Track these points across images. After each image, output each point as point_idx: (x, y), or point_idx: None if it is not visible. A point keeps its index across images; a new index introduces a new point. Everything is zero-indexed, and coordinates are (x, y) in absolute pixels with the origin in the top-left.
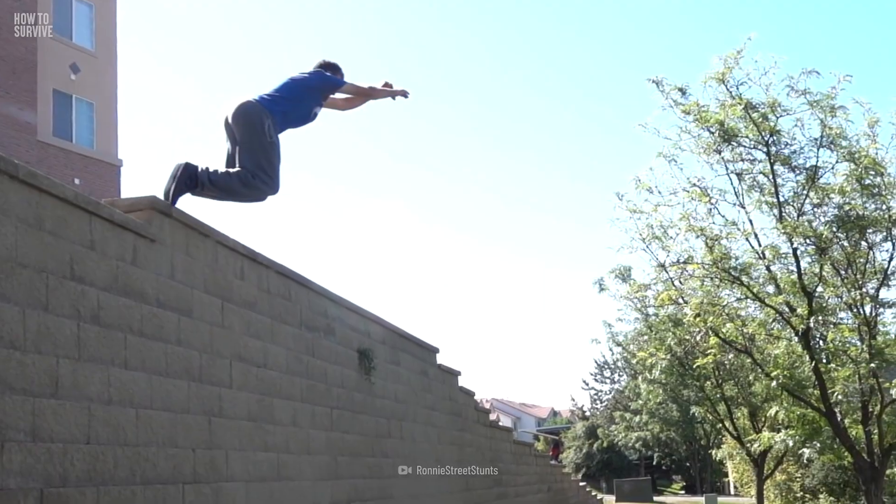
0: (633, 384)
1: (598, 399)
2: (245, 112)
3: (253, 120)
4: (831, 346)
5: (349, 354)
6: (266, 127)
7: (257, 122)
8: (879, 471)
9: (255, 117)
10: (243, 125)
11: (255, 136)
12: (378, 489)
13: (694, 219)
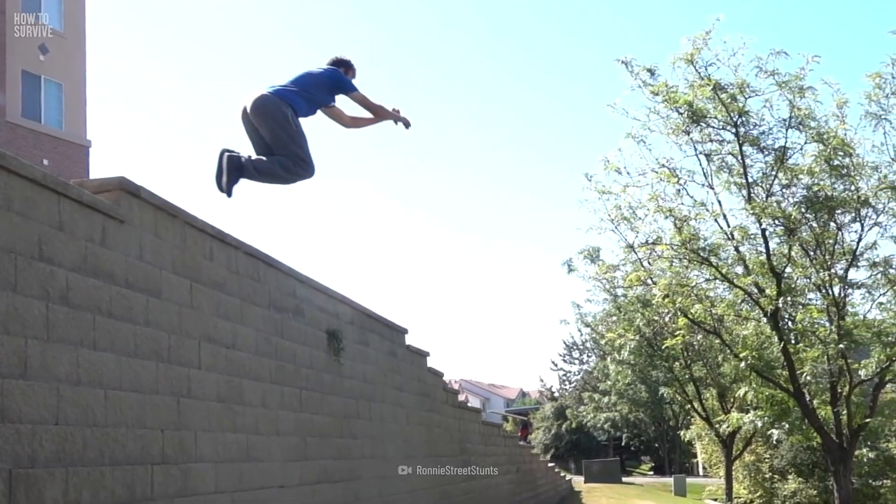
0: (601, 365)
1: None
2: (264, 105)
3: (274, 113)
4: (800, 327)
5: (318, 335)
6: (288, 117)
7: (279, 114)
8: (848, 451)
9: (276, 110)
10: (265, 118)
11: (281, 128)
12: (347, 470)
13: (662, 200)
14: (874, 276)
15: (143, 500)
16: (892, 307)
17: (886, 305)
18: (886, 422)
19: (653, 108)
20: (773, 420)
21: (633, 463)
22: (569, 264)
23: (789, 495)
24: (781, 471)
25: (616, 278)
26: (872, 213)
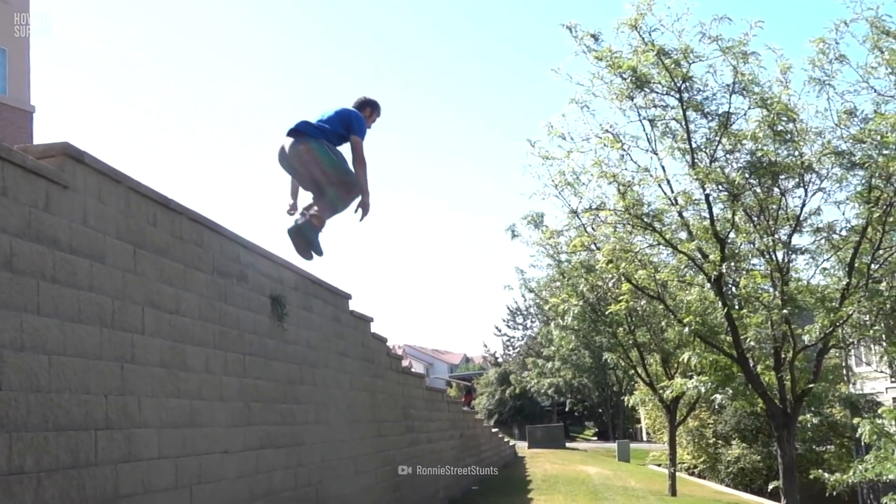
0: (545, 330)
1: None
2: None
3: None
4: (744, 293)
5: (261, 301)
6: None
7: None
8: (791, 417)
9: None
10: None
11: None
12: (290, 435)
13: (606, 165)
14: (818, 242)
15: (87, 466)
16: (835, 273)
17: (830, 271)
18: (830, 387)
19: (597, 73)
20: (717, 385)
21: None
22: (512, 230)
23: (733, 460)
24: (725, 436)
25: (560, 244)
26: (816, 178)
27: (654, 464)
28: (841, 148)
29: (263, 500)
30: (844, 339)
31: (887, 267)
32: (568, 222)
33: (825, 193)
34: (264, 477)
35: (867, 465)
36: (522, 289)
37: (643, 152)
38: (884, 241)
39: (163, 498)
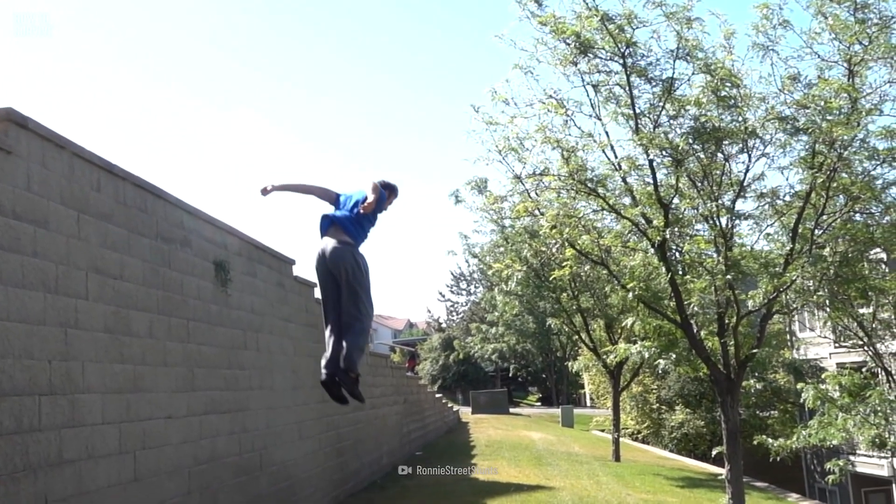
0: (489, 296)
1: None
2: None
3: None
4: (687, 258)
5: (205, 266)
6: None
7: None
8: (735, 382)
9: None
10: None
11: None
12: (234, 401)
13: (550, 131)
14: (761, 207)
15: (31, 431)
16: (779, 238)
17: (773, 236)
18: (774, 353)
19: (540, 38)
20: (661, 351)
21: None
22: (456, 195)
23: (676, 426)
24: (669, 402)
25: (503, 209)
26: (760, 144)
27: (597, 429)
28: (785, 113)
29: (208, 466)
30: (788, 305)
31: (831, 232)
32: (512, 188)
33: (769, 159)
34: (208, 442)
35: (811, 430)
36: (466, 254)
37: (587, 118)
38: (827, 207)
39: (106, 463)
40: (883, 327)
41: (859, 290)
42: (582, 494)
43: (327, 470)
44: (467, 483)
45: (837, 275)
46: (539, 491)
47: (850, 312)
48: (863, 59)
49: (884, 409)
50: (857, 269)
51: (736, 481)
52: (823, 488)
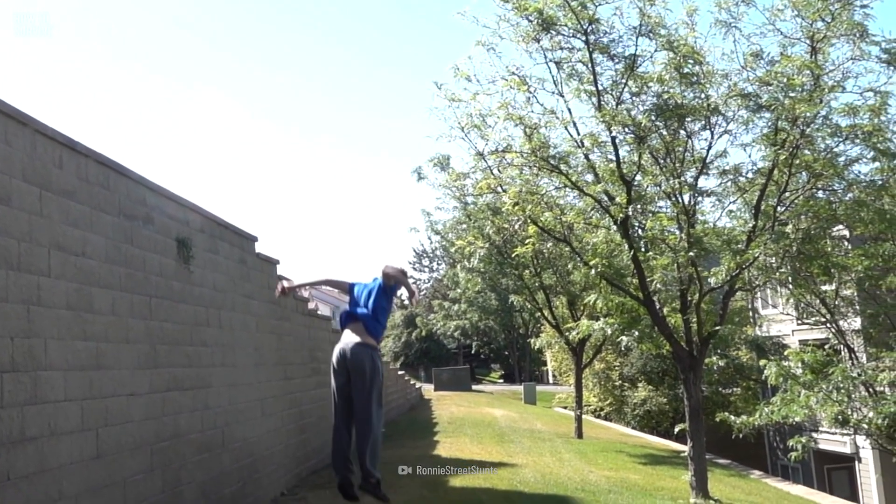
0: (451, 273)
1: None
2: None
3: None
4: (650, 235)
5: (168, 243)
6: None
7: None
8: (698, 359)
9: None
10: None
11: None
12: (197, 378)
13: (513, 107)
14: (724, 184)
15: None
16: (741, 215)
17: (736, 213)
18: (736, 330)
19: (503, 15)
20: (623, 328)
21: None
22: (419, 172)
23: (639, 403)
24: (631, 379)
25: (466, 186)
26: (722, 120)
27: (560, 406)
28: (747, 90)
29: (170, 443)
30: (751, 282)
31: (793, 209)
32: (474, 164)
33: (731, 136)
34: (171, 419)
35: (773, 407)
36: (429, 231)
37: (549, 95)
38: (790, 184)
39: (69, 440)
40: (845, 304)
41: (822, 267)
42: (544, 472)
43: (290, 447)
44: (429, 460)
45: (800, 252)
46: (502, 468)
47: (813, 289)
48: (825, 35)
49: (846, 385)
50: (820, 245)
51: (698, 458)
52: (786, 465)
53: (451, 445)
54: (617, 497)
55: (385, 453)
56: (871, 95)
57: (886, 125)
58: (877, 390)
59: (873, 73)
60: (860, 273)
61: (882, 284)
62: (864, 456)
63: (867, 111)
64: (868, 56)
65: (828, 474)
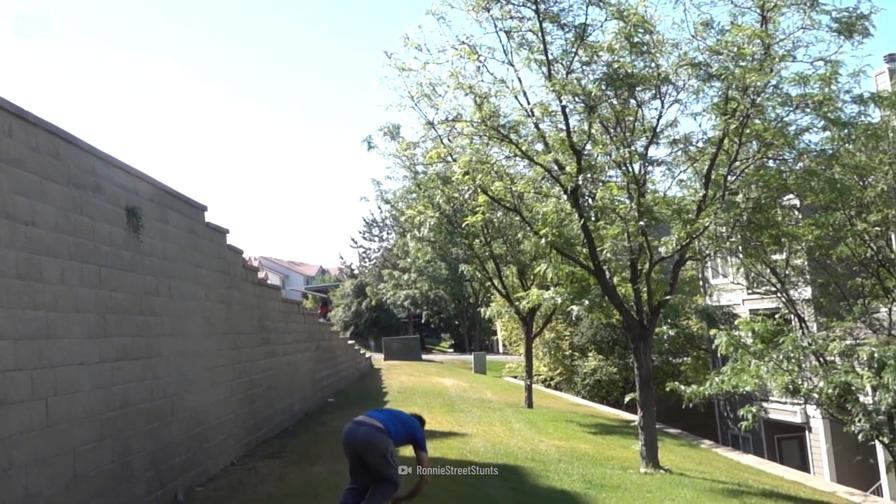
0: (401, 242)
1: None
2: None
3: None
4: (600, 204)
5: (117, 212)
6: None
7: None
8: (648, 329)
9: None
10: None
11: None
12: (146, 347)
13: (463, 77)
14: (674, 154)
15: None
16: (692, 184)
17: (686, 183)
18: (686, 299)
19: None
20: (574, 297)
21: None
22: (369, 141)
23: (589, 372)
24: (582, 348)
25: (416, 155)
26: (672, 90)
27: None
28: (697, 60)
29: (120, 412)
30: (701, 251)
31: (744, 179)
32: (424, 134)
33: (682, 105)
34: (120, 389)
35: (724, 377)
36: (378, 200)
37: (500, 64)
38: (740, 153)
39: (18, 410)
40: (796, 273)
41: (772, 236)
42: (494, 441)
43: (240, 416)
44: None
45: (750, 221)
46: (452, 438)
47: (763, 259)
48: (776, 5)
49: (797, 355)
50: (770, 215)
51: (649, 428)
52: (736, 435)
53: None
54: (567, 466)
55: (335, 423)
56: (822, 65)
57: (837, 94)
58: (827, 360)
59: (824, 42)
60: (810, 242)
61: (832, 254)
62: (814, 426)
63: (817, 80)
64: (818, 25)
65: (778, 444)
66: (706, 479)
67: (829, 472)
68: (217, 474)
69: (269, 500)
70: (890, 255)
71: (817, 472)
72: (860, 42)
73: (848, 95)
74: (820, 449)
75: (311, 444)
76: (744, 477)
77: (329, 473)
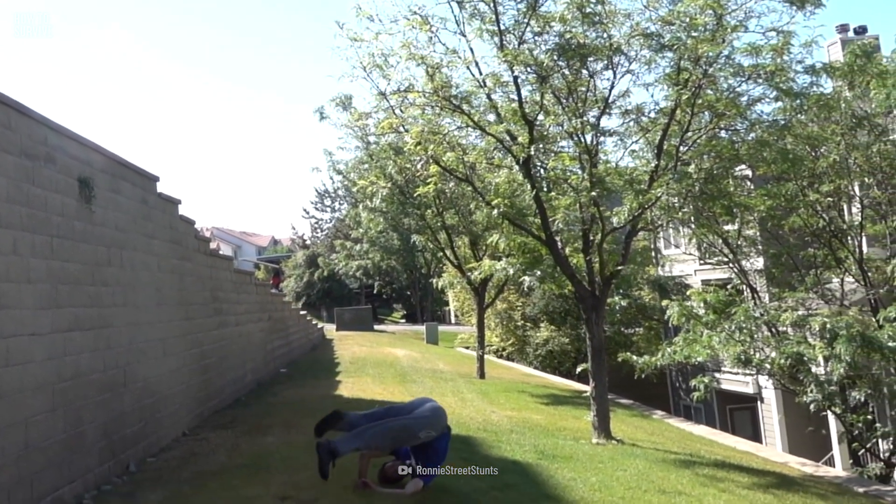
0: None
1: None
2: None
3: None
4: (552, 175)
5: (69, 183)
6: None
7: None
8: (600, 299)
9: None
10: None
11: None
12: (98, 318)
13: (415, 47)
14: (626, 124)
15: None
16: (644, 155)
17: (638, 153)
18: (639, 270)
19: None
20: (526, 268)
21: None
22: (321, 112)
23: (541, 343)
24: (534, 319)
25: (368, 126)
26: (625, 60)
27: (462, 346)
28: (650, 30)
29: (72, 383)
30: (653, 222)
31: (696, 149)
32: (376, 104)
33: (634, 76)
34: (72, 359)
35: (676, 347)
36: (331, 171)
37: (452, 35)
38: (692, 124)
39: None
40: (748, 244)
41: (724, 206)
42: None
43: (192, 387)
44: (332, 401)
45: (702, 191)
46: None
47: (715, 229)
48: None
49: (749, 326)
50: (723, 185)
51: (600, 398)
52: (688, 405)
53: (354, 385)
54: (519, 437)
55: (287, 394)
56: (774, 35)
57: (789, 65)
58: (779, 330)
59: (776, 12)
60: (763, 213)
61: (785, 224)
62: (766, 396)
63: (770, 51)
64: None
65: (730, 414)
66: (658, 449)
67: (781, 442)
68: (169, 444)
69: (222, 470)
70: (842, 225)
71: (769, 443)
72: (812, 13)
73: (800, 66)
74: (772, 419)
75: (263, 414)
76: (696, 447)
77: (281, 444)
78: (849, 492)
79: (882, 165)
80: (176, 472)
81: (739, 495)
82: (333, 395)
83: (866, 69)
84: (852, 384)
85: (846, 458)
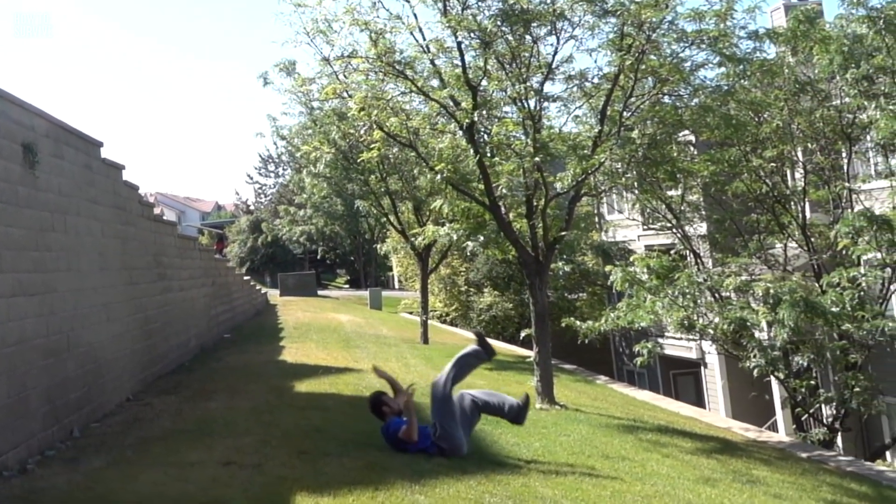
0: (297, 178)
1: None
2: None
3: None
4: (496, 140)
5: (13, 148)
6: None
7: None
8: (544, 265)
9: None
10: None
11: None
12: (42, 283)
13: (358, 13)
14: (570, 90)
15: None
16: (587, 120)
17: (582, 118)
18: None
19: None
20: (469, 233)
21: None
22: (265, 77)
23: (485, 308)
24: (477, 284)
25: (312, 91)
26: (568, 26)
27: (406, 312)
28: None
29: (16, 348)
30: (596, 187)
31: (639, 115)
32: (320, 70)
33: (577, 41)
34: (16, 325)
35: (619, 312)
36: (274, 136)
37: (395, 0)
38: (636, 89)
39: None
40: (691, 209)
41: (668, 172)
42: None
43: (135, 352)
44: (275, 366)
45: (646, 157)
46: (347, 373)
47: (659, 195)
48: None
49: (692, 291)
50: (666, 151)
51: (544, 363)
52: (632, 371)
53: (297, 351)
54: None
55: (230, 359)
56: (717, 1)
57: (732, 30)
58: (722, 296)
59: None
60: (706, 178)
61: (728, 190)
62: (709, 361)
63: (713, 16)
64: None
65: (674, 379)
66: (602, 414)
67: (724, 407)
68: (113, 410)
69: (165, 435)
70: (785, 191)
71: (713, 408)
72: None
73: (743, 31)
74: (715, 385)
75: (206, 379)
76: (639, 413)
77: (224, 409)
78: (792, 457)
79: (825, 131)
80: (120, 438)
81: (683, 460)
82: (277, 360)
83: (809, 35)
84: (795, 349)
85: (789, 423)
